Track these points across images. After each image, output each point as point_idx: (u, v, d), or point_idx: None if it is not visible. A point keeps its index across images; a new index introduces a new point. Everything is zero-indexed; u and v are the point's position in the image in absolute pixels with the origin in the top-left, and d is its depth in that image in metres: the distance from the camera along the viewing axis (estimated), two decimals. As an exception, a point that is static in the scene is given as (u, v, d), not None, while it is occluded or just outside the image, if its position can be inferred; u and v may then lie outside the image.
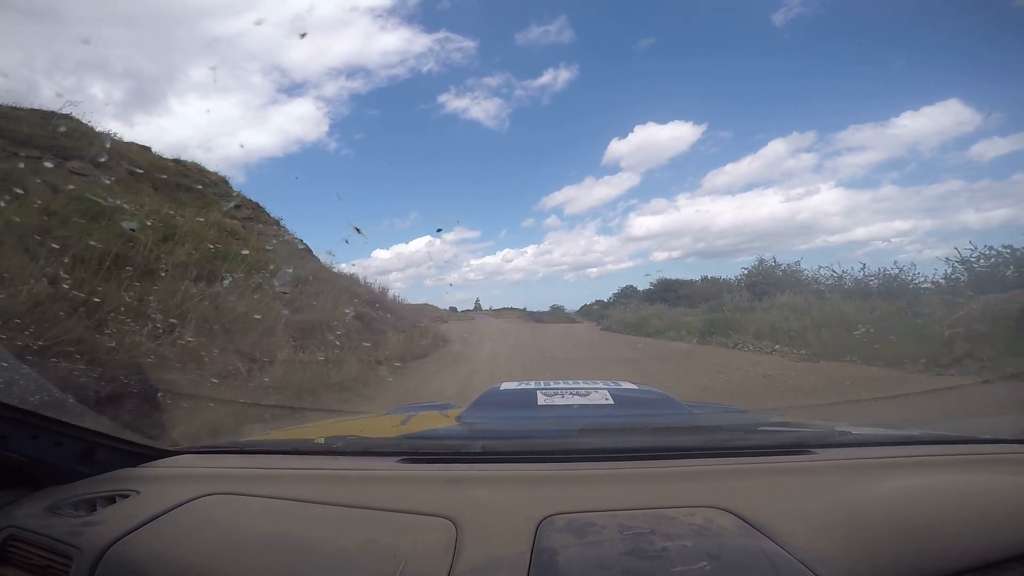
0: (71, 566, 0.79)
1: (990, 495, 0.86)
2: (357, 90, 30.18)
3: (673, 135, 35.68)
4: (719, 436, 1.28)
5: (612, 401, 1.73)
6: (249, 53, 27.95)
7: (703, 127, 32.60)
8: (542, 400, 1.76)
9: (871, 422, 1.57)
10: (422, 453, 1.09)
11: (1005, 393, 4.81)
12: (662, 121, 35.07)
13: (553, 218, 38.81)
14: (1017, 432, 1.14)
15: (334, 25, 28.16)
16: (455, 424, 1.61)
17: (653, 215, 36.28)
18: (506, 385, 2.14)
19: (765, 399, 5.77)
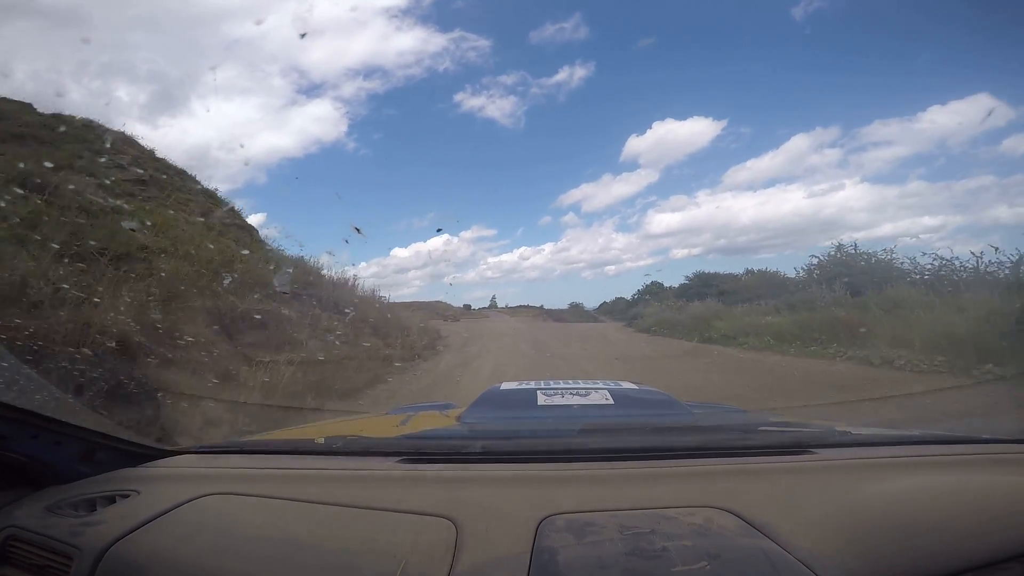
0: (71, 566, 0.79)
1: (990, 495, 0.86)
2: (374, 90, 30.23)
3: (692, 131, 34.33)
4: (719, 436, 1.28)
5: (612, 401, 1.72)
6: (269, 55, 28.26)
7: (723, 123, 31.20)
8: (542, 400, 1.76)
9: (871, 422, 1.58)
10: (422, 453, 1.09)
11: None
12: (681, 117, 33.75)
13: (570, 215, 38.29)
14: (1017, 432, 1.14)
15: (350, 26, 28.34)
16: (455, 424, 1.61)
17: (672, 212, 34.83)
18: (506, 385, 2.14)
19: None
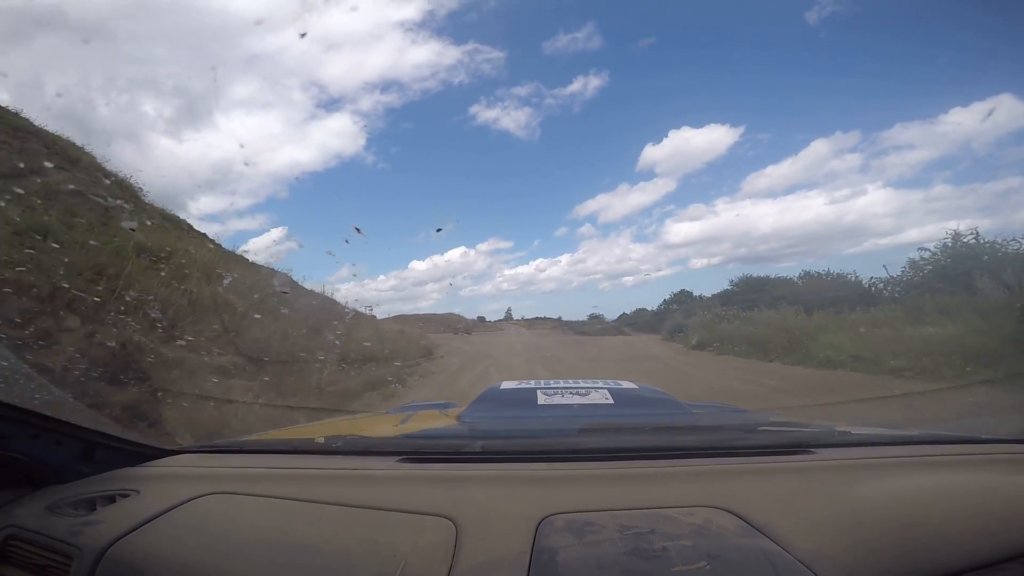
0: (71, 566, 0.79)
1: (990, 495, 0.86)
2: (392, 104, 30.94)
3: (709, 139, 33.92)
4: (719, 436, 1.28)
5: (612, 401, 1.72)
6: (289, 69, 28.92)
7: (740, 129, 31.26)
8: (542, 399, 1.76)
9: (871, 422, 1.57)
10: (422, 453, 1.09)
11: None
12: (697, 125, 33.56)
13: (587, 226, 37.95)
14: (1017, 432, 1.14)
15: (367, 40, 28.89)
16: (455, 423, 1.61)
17: (691, 221, 34.39)
18: (506, 384, 2.13)
19: None
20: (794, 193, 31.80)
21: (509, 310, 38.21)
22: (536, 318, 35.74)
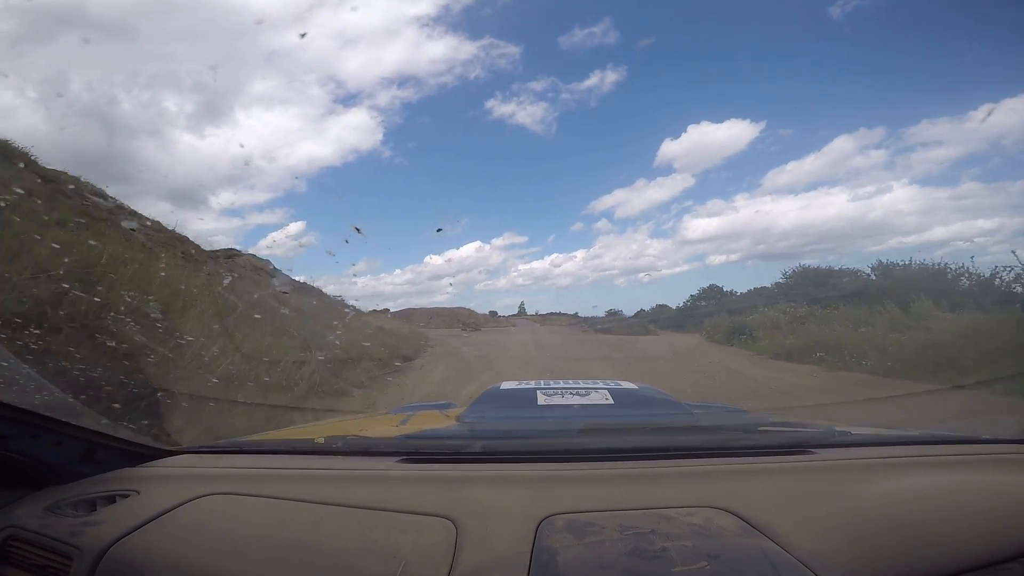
0: (71, 566, 0.79)
1: (990, 495, 0.86)
2: (408, 99, 30.50)
3: (729, 134, 32.46)
4: (719, 436, 1.28)
5: (612, 401, 1.72)
6: (306, 65, 28.88)
7: (762, 125, 29.71)
8: (542, 400, 1.76)
9: (871, 422, 1.57)
10: (422, 453, 1.09)
11: None
12: (717, 120, 31.96)
13: (603, 222, 36.42)
14: (1017, 432, 1.14)
15: (383, 35, 28.83)
16: (455, 424, 1.61)
17: (709, 217, 32.77)
18: (506, 385, 2.13)
19: None
20: (816, 189, 30.61)
21: (522, 305, 37.46)
22: (551, 313, 34.86)
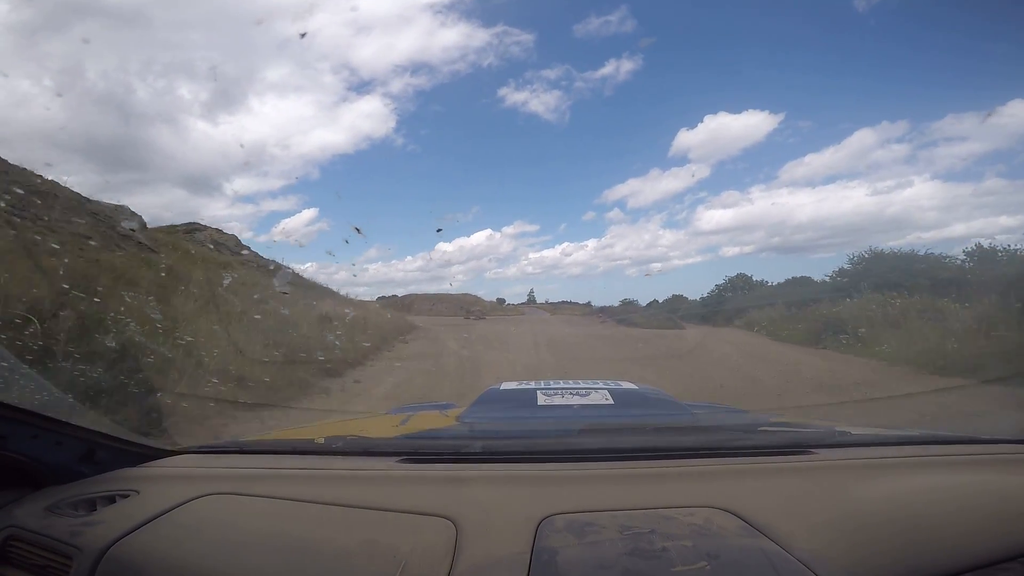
0: (71, 566, 0.79)
1: (990, 495, 0.86)
2: (421, 86, 30.41)
3: (747, 124, 31.89)
4: (719, 436, 1.28)
5: (612, 401, 1.72)
6: (320, 53, 28.90)
7: (781, 116, 29.16)
8: (542, 400, 1.76)
9: (871, 422, 1.58)
10: (422, 453, 1.09)
11: None
12: (735, 110, 31.24)
13: (616, 211, 36.12)
14: (1017, 432, 1.14)
15: (397, 22, 28.89)
16: (455, 424, 1.61)
17: (724, 208, 32.09)
18: (506, 385, 2.13)
19: None
20: (834, 183, 29.85)
21: (532, 292, 36.72)
22: (562, 302, 33.94)
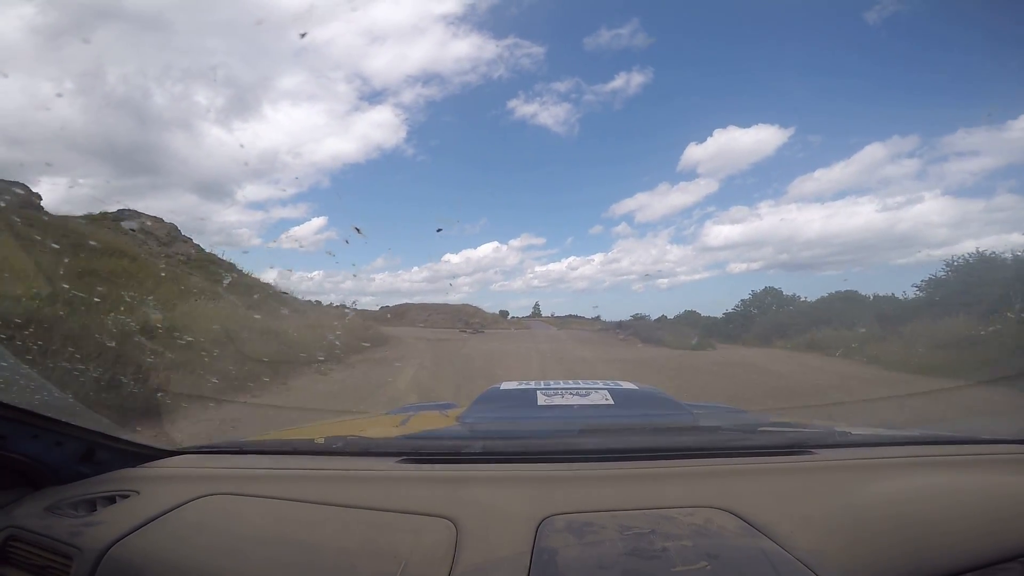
0: (71, 566, 0.79)
1: (990, 495, 0.86)
2: (432, 97, 31.28)
3: (756, 139, 32.70)
4: (719, 436, 1.28)
5: (612, 401, 1.72)
6: (334, 62, 29.12)
7: (790, 131, 30.12)
8: (542, 400, 1.76)
9: (871, 422, 1.58)
10: (422, 453, 1.09)
11: None
12: (744, 125, 32.39)
13: (623, 225, 37.33)
14: (1017, 432, 1.14)
15: (410, 33, 29.16)
16: (455, 424, 1.61)
17: (732, 223, 32.77)
18: (506, 385, 2.13)
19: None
20: (844, 198, 30.03)
21: (537, 305, 36.69)
22: (570, 316, 33.66)
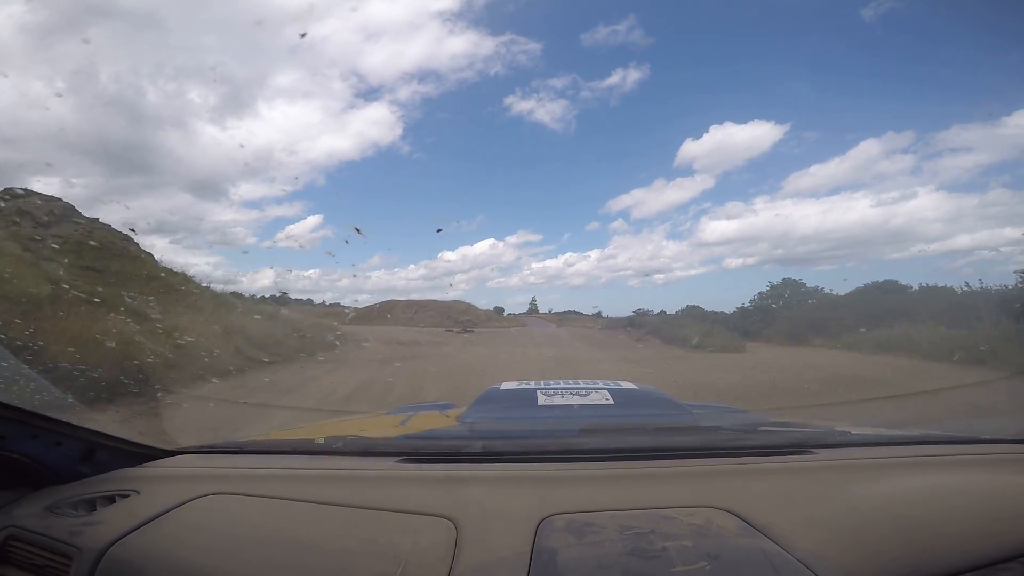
0: (71, 566, 0.79)
1: (990, 495, 0.86)
2: (428, 94, 31.08)
3: (753, 135, 32.32)
4: (719, 436, 1.28)
5: (612, 401, 1.73)
6: (330, 59, 29.10)
7: (786, 127, 29.78)
8: (542, 400, 1.76)
9: (871, 422, 1.58)
10: (422, 453, 1.09)
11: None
12: (741, 121, 31.98)
13: (619, 222, 36.45)
14: (1017, 432, 1.14)
15: (406, 30, 29.32)
16: (455, 424, 1.61)
17: (728, 219, 32.40)
18: (506, 385, 2.13)
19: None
20: (839, 194, 29.80)
21: (534, 301, 36.31)
22: (568, 312, 33.36)
